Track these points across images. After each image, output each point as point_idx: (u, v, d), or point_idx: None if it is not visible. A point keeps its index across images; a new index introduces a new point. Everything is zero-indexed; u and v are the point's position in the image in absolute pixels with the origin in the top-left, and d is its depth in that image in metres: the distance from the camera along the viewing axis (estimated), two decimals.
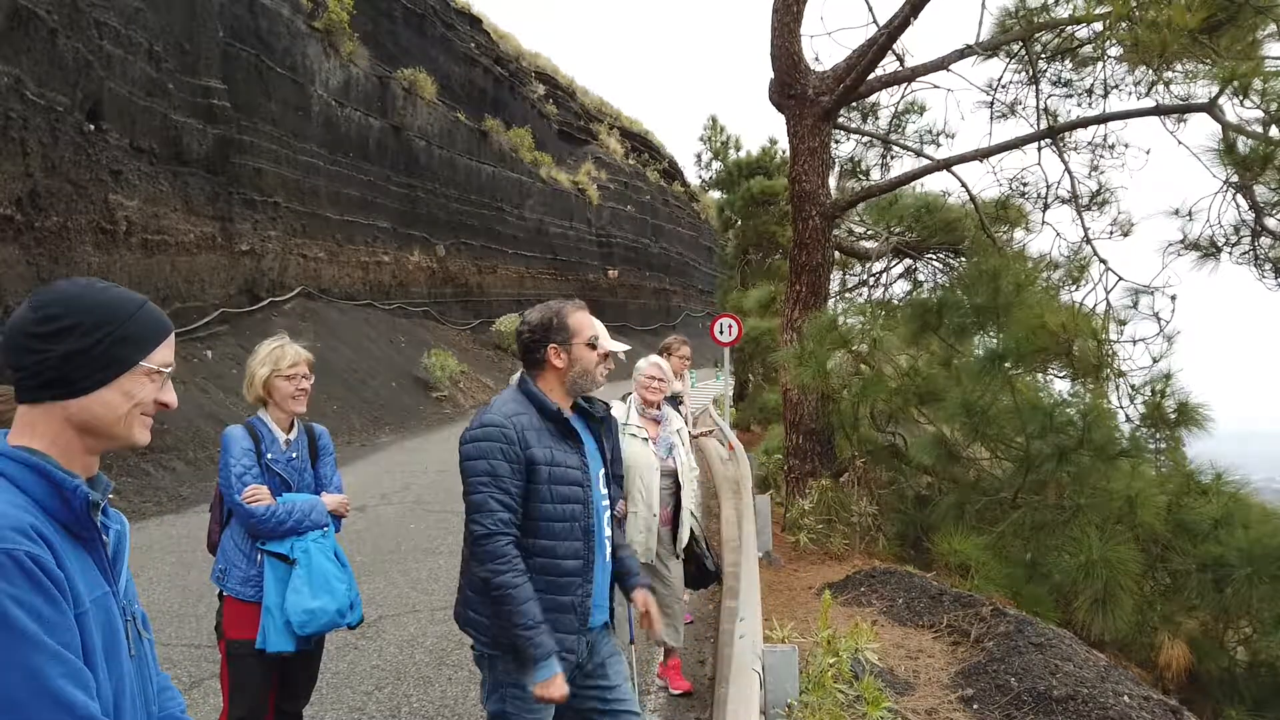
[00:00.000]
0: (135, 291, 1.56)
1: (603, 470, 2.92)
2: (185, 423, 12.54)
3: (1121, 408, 7.79)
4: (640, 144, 52.83)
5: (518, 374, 2.94)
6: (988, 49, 8.73)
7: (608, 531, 2.88)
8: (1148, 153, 9.39)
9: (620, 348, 3.06)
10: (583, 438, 2.86)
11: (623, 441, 4.51)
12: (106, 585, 1.44)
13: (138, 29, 14.41)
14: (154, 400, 1.50)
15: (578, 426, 2.88)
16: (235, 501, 3.27)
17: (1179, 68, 7.98)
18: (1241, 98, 6.93)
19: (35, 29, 11.28)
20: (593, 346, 2.87)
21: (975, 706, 4.43)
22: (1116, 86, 8.78)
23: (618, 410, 4.96)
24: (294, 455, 3.45)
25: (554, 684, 2.60)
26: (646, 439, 4.95)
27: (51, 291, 1.45)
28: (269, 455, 3.36)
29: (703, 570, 5.18)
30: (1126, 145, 9.58)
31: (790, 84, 8.68)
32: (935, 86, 9.38)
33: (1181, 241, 8.04)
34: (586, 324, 2.87)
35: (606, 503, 2.91)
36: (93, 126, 12.76)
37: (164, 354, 1.51)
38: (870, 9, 8.97)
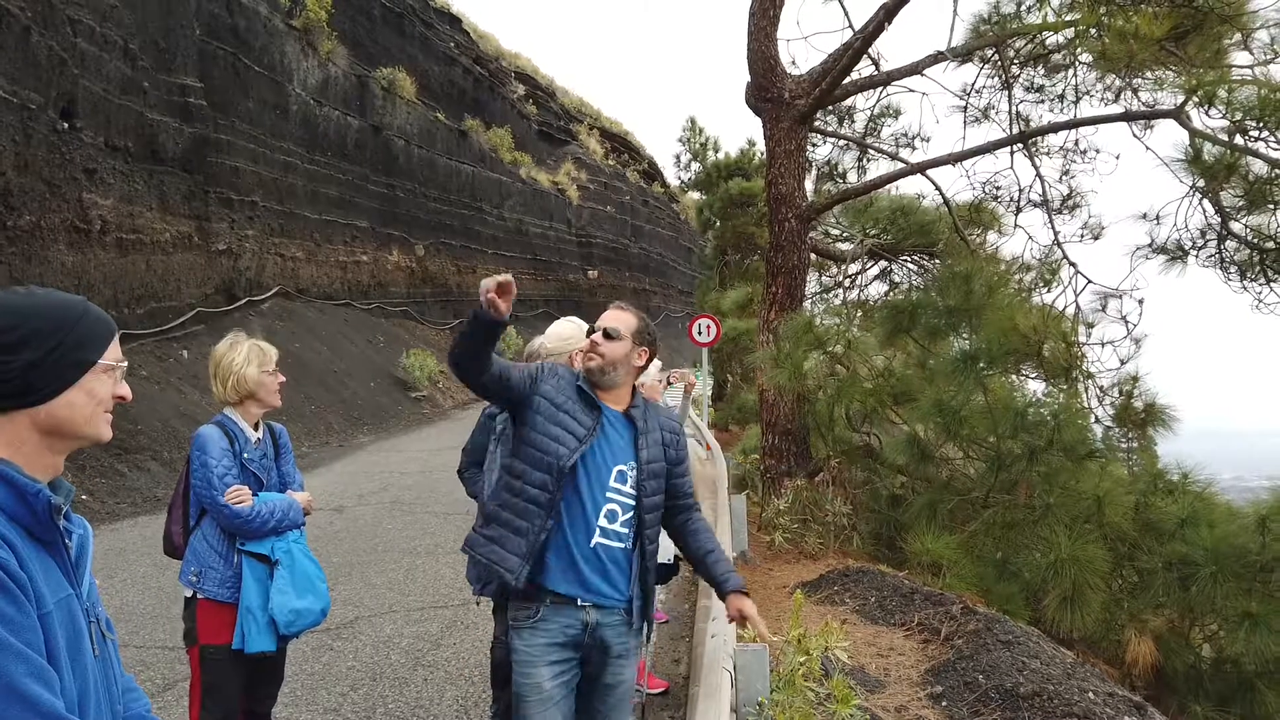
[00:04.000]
0: (76, 293, 1.60)
1: (621, 467, 2.95)
2: (160, 423, 12.44)
3: (1091, 409, 7.94)
4: (620, 144, 52.81)
5: None
6: (961, 54, 8.85)
7: (600, 522, 2.89)
8: (1117, 158, 9.59)
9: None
10: (614, 431, 2.99)
11: None
12: (70, 588, 1.46)
13: (113, 26, 14.27)
14: (112, 395, 1.55)
15: (622, 427, 3.02)
16: (218, 503, 3.24)
17: (1147, 75, 8.12)
18: (1207, 106, 7.06)
19: (8, 26, 11.16)
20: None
21: (944, 703, 4.52)
22: (1088, 93, 8.94)
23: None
24: (264, 454, 3.47)
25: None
26: None
27: None
28: (245, 454, 3.37)
29: (663, 567, 5.24)
30: (1097, 150, 9.77)
31: (767, 87, 8.76)
32: (910, 91, 9.51)
33: (1150, 245, 8.18)
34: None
35: (616, 500, 2.92)
36: (67, 125, 12.62)
37: (115, 350, 1.57)
38: (846, 14, 9.11)
